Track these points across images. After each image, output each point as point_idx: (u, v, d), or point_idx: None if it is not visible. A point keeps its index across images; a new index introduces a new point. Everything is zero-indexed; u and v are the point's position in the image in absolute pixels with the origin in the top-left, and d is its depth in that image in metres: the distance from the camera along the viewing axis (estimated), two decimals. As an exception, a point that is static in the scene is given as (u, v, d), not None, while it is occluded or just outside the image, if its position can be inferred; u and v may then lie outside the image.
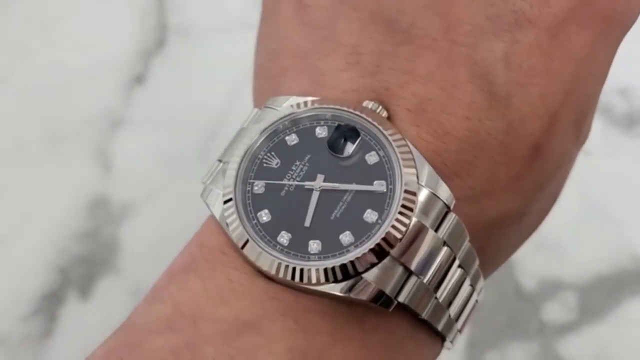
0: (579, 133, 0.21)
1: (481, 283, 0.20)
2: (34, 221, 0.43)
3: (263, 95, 0.21)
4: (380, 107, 0.19)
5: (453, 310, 0.20)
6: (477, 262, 0.20)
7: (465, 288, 0.20)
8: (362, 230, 0.18)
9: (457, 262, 0.19)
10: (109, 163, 0.45)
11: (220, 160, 0.20)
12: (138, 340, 0.18)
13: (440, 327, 0.19)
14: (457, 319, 0.20)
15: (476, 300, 0.21)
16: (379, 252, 0.18)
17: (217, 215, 0.19)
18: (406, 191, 0.18)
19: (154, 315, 0.18)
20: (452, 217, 0.18)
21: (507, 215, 0.20)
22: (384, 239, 0.17)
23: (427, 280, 0.18)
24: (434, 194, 0.18)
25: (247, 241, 0.18)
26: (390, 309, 0.18)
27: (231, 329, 0.17)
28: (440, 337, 0.20)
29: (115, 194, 0.44)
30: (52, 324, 0.40)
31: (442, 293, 0.19)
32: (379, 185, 0.18)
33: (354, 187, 0.18)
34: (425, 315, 0.19)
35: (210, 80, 0.47)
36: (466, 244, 0.19)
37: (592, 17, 0.19)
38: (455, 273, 0.19)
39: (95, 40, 0.48)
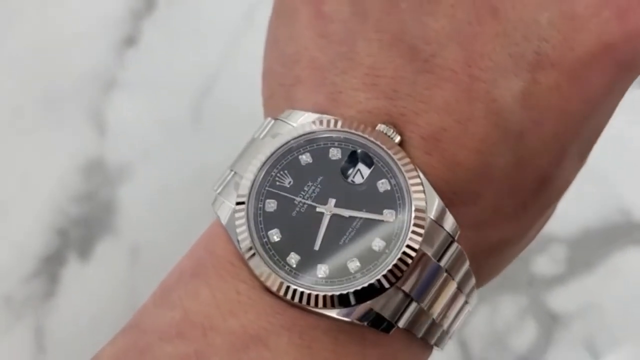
0: (583, 160, 0.22)
1: (475, 298, 0.21)
2: (32, 185, 0.43)
3: (275, 101, 0.21)
4: (394, 131, 0.19)
5: (446, 324, 0.20)
6: (473, 282, 0.20)
7: (460, 303, 0.20)
8: (369, 259, 0.18)
9: (455, 285, 0.20)
10: (104, 125, 0.44)
11: (231, 170, 0.20)
12: (148, 345, 0.18)
13: (433, 342, 0.20)
14: (449, 329, 0.21)
15: (468, 310, 0.21)
16: (385, 282, 0.18)
17: (228, 227, 0.19)
18: (415, 224, 0.18)
19: (164, 321, 0.18)
20: (455, 248, 0.19)
21: (509, 240, 0.21)
22: (390, 270, 0.18)
23: (426, 305, 0.19)
24: (440, 226, 0.19)
25: (253, 255, 0.18)
26: (390, 333, 0.19)
27: (239, 341, 0.18)
28: (431, 347, 0.21)
29: (110, 156, 0.44)
30: (54, 285, 0.41)
31: (437, 312, 0.20)
32: (388, 215, 0.19)
33: (364, 214, 0.19)
34: (420, 334, 0.19)
35: (202, 41, 0.46)
36: (465, 267, 0.20)
37: (614, 63, 0.19)
38: (451, 292, 0.20)
39: (84, 1, 0.47)
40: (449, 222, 0.19)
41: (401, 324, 0.19)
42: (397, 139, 0.19)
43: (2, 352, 0.40)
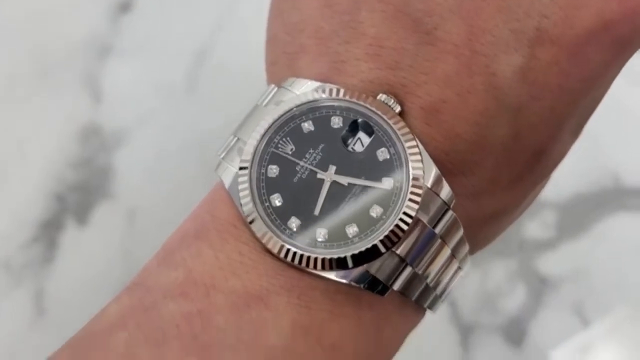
0: (578, 133, 0.22)
1: (468, 264, 0.22)
2: (29, 151, 0.43)
3: (278, 68, 0.21)
4: (394, 101, 0.19)
5: (440, 289, 0.21)
6: (467, 249, 0.21)
7: (453, 268, 0.21)
8: (367, 224, 0.19)
9: (448, 251, 0.20)
10: (99, 91, 0.44)
11: (235, 135, 0.21)
12: (153, 303, 0.19)
13: (426, 305, 0.21)
14: (442, 294, 0.21)
15: (461, 276, 0.22)
16: (381, 246, 0.19)
17: (231, 191, 0.20)
18: (412, 192, 0.19)
19: (168, 280, 0.19)
20: (450, 215, 0.19)
21: (504, 210, 0.21)
22: (386, 235, 0.19)
23: (420, 270, 0.20)
24: (436, 194, 0.19)
25: (255, 219, 0.19)
26: (385, 296, 0.19)
27: (241, 300, 0.18)
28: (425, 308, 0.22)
29: (106, 122, 0.44)
30: (53, 250, 0.41)
31: (431, 277, 0.20)
32: (386, 183, 0.19)
33: (363, 182, 0.19)
34: (414, 297, 0.20)
35: (197, 6, 0.46)
36: (459, 235, 0.20)
37: (612, 41, 0.19)
38: (445, 258, 0.20)
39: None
40: (445, 191, 0.19)
41: (396, 287, 0.19)
42: (398, 109, 0.19)
43: (2, 315, 0.40)
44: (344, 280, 0.19)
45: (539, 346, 0.40)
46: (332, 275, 0.19)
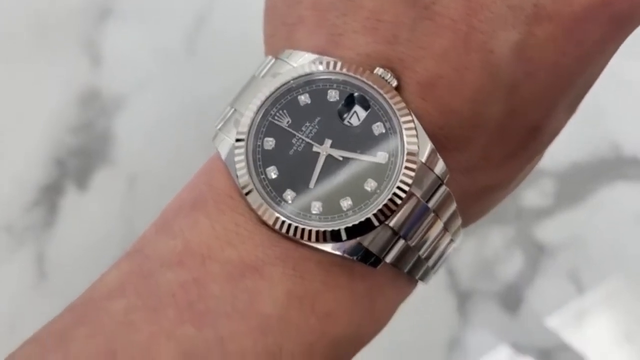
0: (572, 111, 0.22)
1: (460, 236, 0.22)
2: (28, 116, 0.43)
3: (276, 40, 0.21)
4: (391, 75, 0.19)
5: (432, 261, 0.21)
6: (459, 222, 0.21)
7: (445, 241, 0.21)
8: (361, 198, 0.19)
9: (441, 225, 0.20)
10: (98, 55, 0.44)
11: (232, 107, 0.21)
12: (150, 271, 0.19)
13: (418, 276, 0.21)
14: (434, 265, 0.22)
15: (453, 248, 0.22)
16: (374, 220, 0.19)
17: (228, 163, 0.20)
18: (406, 167, 0.19)
19: (166, 249, 0.19)
20: (443, 190, 0.20)
21: (497, 185, 0.22)
22: (380, 209, 0.19)
23: (412, 242, 0.20)
24: (430, 169, 0.19)
25: (251, 191, 0.19)
26: (378, 268, 0.20)
27: (236, 270, 0.19)
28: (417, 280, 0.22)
29: (106, 86, 0.44)
30: (54, 214, 0.42)
31: (423, 249, 0.20)
32: (381, 157, 0.19)
33: (358, 156, 0.19)
34: (406, 269, 0.20)
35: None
36: (452, 208, 0.20)
37: (609, 18, 0.19)
38: (437, 231, 0.20)
39: None
40: (439, 166, 0.19)
41: (389, 259, 0.20)
42: (394, 83, 0.19)
43: (5, 278, 0.41)
44: (337, 252, 0.19)
45: (534, 313, 0.40)
46: (326, 247, 0.19)
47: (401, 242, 0.20)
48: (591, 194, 0.42)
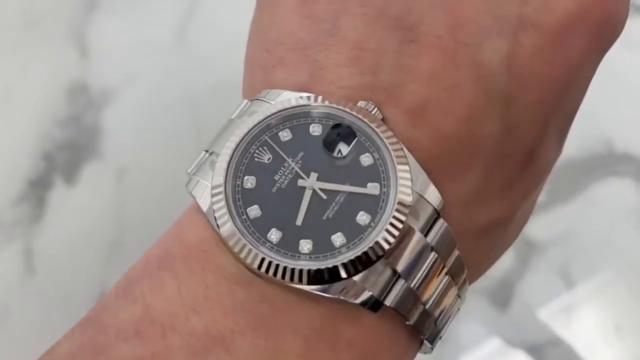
0: (561, 143, 0.21)
1: (466, 291, 0.20)
2: (15, 108, 0.42)
3: (255, 84, 0.20)
4: (375, 108, 0.18)
5: (439, 319, 0.19)
6: (465, 272, 0.20)
7: (452, 296, 0.19)
8: (354, 232, 0.17)
9: (445, 271, 0.19)
10: (87, 48, 0.44)
11: (207, 151, 0.19)
12: (104, 344, 0.17)
13: (425, 335, 0.19)
14: (439, 319, 0.19)
15: (458, 308, 0.20)
16: (371, 256, 0.17)
17: (205, 208, 0.18)
18: (400, 197, 0.18)
19: (124, 316, 0.17)
20: (441, 224, 0.18)
21: (496, 220, 0.20)
22: (376, 242, 0.17)
23: (414, 285, 0.18)
24: (425, 200, 0.18)
25: (231, 234, 0.17)
26: (378, 312, 0.18)
27: (199, 344, 0.17)
28: (419, 345, 0.20)
29: (94, 79, 0.43)
30: (41, 208, 0.41)
31: (429, 300, 0.19)
32: (372, 188, 0.18)
33: (348, 188, 0.18)
34: (412, 321, 0.18)
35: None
36: (455, 252, 0.19)
37: (589, 26, 0.19)
38: (443, 281, 0.19)
39: None
40: (434, 196, 0.18)
41: (388, 301, 0.18)
42: (379, 116, 0.18)
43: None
44: (332, 295, 0.17)
45: (525, 308, 0.40)
46: (317, 289, 0.17)
47: (401, 282, 0.18)
48: (582, 190, 0.42)
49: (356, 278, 0.17)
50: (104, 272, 0.39)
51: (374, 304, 0.18)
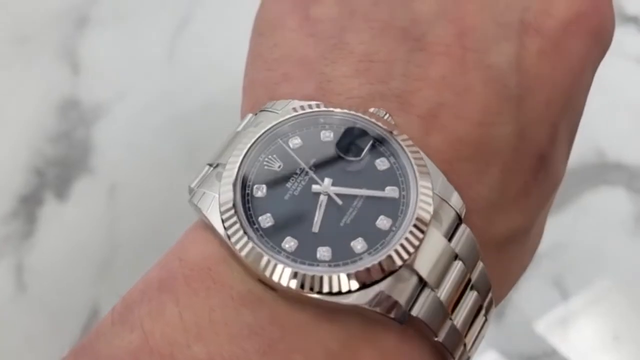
0: (568, 154, 0.21)
1: (492, 313, 0.19)
2: (6, 124, 0.42)
3: (258, 102, 0.20)
4: (387, 114, 0.18)
5: (468, 340, 0.18)
6: (490, 288, 0.19)
7: (481, 317, 0.18)
8: (375, 237, 0.17)
9: (471, 284, 0.18)
10: (77, 63, 0.43)
11: (210, 165, 0.19)
12: None
13: (455, 357, 0.18)
14: (470, 350, 0.18)
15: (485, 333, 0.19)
16: (395, 260, 0.16)
17: (212, 219, 0.17)
18: (422, 199, 0.17)
19: (120, 345, 0.16)
20: (464, 229, 0.18)
21: (516, 230, 0.20)
22: (401, 245, 0.16)
23: (441, 294, 0.17)
24: (447, 203, 0.17)
25: (246, 244, 0.16)
26: (399, 332, 0.17)
27: None
28: None
29: (85, 95, 0.43)
30: (32, 224, 0.40)
31: (458, 316, 0.17)
32: (391, 192, 0.17)
33: (365, 192, 0.17)
34: (441, 337, 0.17)
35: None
36: (479, 264, 0.18)
37: (586, 30, 0.20)
38: (470, 297, 0.18)
39: None
40: (455, 200, 0.18)
41: (415, 311, 0.17)
42: (392, 122, 0.18)
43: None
44: (358, 304, 0.16)
45: (520, 319, 0.40)
46: (339, 299, 0.16)
47: (427, 291, 0.17)
48: (575, 200, 0.42)
49: (382, 286, 0.16)
50: (95, 288, 0.39)
51: (401, 314, 0.16)
